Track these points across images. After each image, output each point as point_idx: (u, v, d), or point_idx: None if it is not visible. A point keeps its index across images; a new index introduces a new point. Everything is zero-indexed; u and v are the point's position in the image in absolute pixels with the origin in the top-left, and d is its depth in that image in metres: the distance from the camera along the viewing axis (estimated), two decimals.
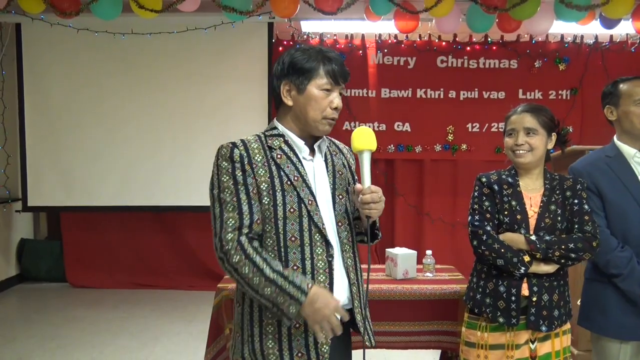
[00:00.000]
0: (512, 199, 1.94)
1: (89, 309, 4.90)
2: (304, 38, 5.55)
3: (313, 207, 1.51)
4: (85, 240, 5.69)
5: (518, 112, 1.97)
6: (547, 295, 1.89)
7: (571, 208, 1.94)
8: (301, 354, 1.48)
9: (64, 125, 5.32)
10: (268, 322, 1.50)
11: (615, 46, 5.60)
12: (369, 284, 1.60)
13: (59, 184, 5.37)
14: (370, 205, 1.49)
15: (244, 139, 1.54)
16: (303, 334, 1.49)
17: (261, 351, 1.49)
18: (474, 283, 2.02)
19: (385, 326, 2.60)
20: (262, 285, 1.42)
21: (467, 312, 2.04)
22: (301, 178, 1.52)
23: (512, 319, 1.88)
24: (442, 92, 5.62)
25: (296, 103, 1.54)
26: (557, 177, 2.00)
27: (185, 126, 5.24)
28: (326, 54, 1.54)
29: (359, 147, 1.54)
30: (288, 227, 1.48)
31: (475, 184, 2.03)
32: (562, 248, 1.86)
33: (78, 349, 3.89)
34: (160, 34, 5.07)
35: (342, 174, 1.63)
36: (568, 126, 5.62)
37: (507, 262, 1.86)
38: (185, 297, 5.22)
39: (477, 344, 1.97)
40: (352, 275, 1.59)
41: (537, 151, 1.94)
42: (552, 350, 1.95)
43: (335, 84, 1.54)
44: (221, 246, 1.45)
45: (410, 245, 3.41)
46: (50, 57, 5.26)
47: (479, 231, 1.93)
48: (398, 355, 3.52)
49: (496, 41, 5.58)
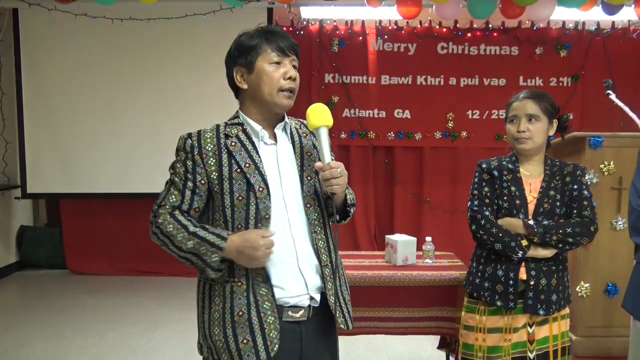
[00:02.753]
0: (512, 184, 1.95)
1: (89, 296, 4.91)
2: (303, 24, 5.51)
3: (262, 195, 1.48)
4: (85, 227, 5.69)
5: (520, 99, 1.97)
6: (545, 280, 1.90)
7: (570, 193, 1.95)
8: (247, 340, 1.46)
9: (63, 112, 5.30)
10: (215, 308, 1.51)
11: (617, 33, 5.56)
12: (337, 263, 1.60)
13: (58, 170, 5.36)
14: (331, 181, 1.48)
15: (202, 129, 1.57)
16: (247, 322, 1.46)
17: (210, 337, 1.52)
18: (473, 267, 2.05)
19: (385, 312, 2.61)
20: (184, 240, 1.46)
21: (467, 296, 2.07)
22: (253, 165, 1.50)
23: (509, 302, 1.89)
24: (442, 79, 5.59)
25: (250, 83, 1.54)
26: (558, 163, 2.01)
27: (184, 112, 5.21)
28: (268, 29, 1.55)
29: (315, 123, 1.52)
30: (236, 215, 1.49)
31: (476, 170, 2.04)
32: (559, 232, 1.87)
33: (78, 335, 3.90)
34: (158, 19, 5.03)
35: (311, 155, 1.60)
36: (569, 113, 5.61)
37: (505, 246, 1.87)
38: (185, 284, 5.23)
39: (475, 327, 1.99)
40: (325, 257, 1.56)
41: (539, 138, 1.95)
42: (549, 335, 1.97)
43: (284, 56, 1.53)
44: (155, 211, 1.53)
45: (410, 232, 3.41)
46: (48, 43, 5.22)
47: (478, 216, 1.94)
48: (397, 341, 3.55)
49: (497, 28, 5.54)
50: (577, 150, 2.92)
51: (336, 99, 5.59)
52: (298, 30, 5.46)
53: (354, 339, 3.31)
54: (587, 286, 2.85)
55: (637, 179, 1.97)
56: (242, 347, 1.45)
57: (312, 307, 1.54)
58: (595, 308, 2.87)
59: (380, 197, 5.83)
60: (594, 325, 2.87)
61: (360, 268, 2.70)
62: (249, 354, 1.45)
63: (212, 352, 1.53)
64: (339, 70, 5.56)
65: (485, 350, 1.95)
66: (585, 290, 2.85)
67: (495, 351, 1.94)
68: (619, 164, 2.81)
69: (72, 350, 3.63)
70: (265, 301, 1.48)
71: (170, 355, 3.57)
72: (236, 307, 1.47)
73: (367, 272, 2.61)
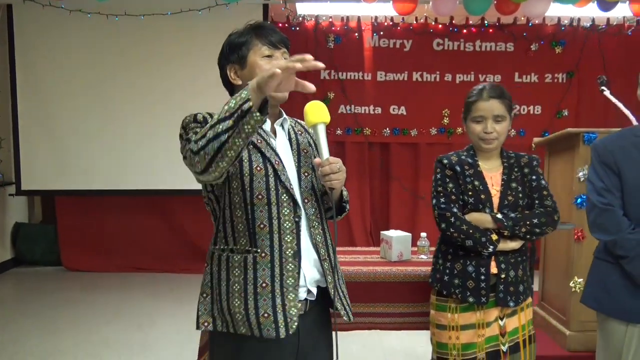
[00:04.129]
0: (475, 179, 1.95)
1: (84, 292, 4.91)
2: (299, 20, 5.50)
3: (280, 167, 1.50)
4: (80, 223, 5.68)
5: (485, 99, 1.94)
6: (513, 272, 1.93)
7: (530, 184, 1.98)
8: (267, 314, 1.44)
9: (58, 108, 5.28)
10: (234, 280, 1.47)
11: (612, 29, 5.58)
12: (336, 259, 1.60)
13: (53, 167, 5.35)
14: (330, 176, 1.48)
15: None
16: (270, 294, 1.45)
17: (228, 309, 1.47)
18: (439, 265, 2.02)
19: (380, 308, 2.61)
20: (215, 121, 1.30)
21: (435, 294, 2.05)
22: (265, 142, 1.51)
23: (482, 297, 1.90)
24: (438, 75, 5.61)
25: (244, 79, 1.53)
26: (513, 155, 2.03)
27: (180, 108, 5.14)
28: (257, 24, 1.55)
29: (313, 120, 1.51)
30: (255, 184, 1.47)
31: (436, 166, 2.02)
32: (527, 224, 1.90)
33: (73, 331, 3.90)
34: (153, 15, 5.02)
35: (308, 152, 1.62)
36: (564, 109, 5.63)
37: (476, 242, 1.88)
38: (181, 280, 5.24)
39: (448, 325, 1.98)
40: (323, 252, 1.56)
41: (504, 136, 1.98)
42: (519, 325, 1.99)
43: (275, 49, 1.53)
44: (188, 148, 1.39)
45: (405, 228, 3.42)
46: (42, 39, 5.21)
47: (447, 214, 1.92)
48: (393, 337, 3.56)
49: (493, 24, 5.55)
50: (571, 147, 2.92)
51: (332, 95, 5.59)
52: (294, 27, 5.45)
53: (350, 334, 3.30)
54: (581, 281, 2.85)
55: (592, 175, 1.98)
56: (263, 320, 1.44)
57: (309, 300, 1.55)
58: None
59: (375, 193, 5.85)
60: (587, 320, 2.87)
61: (355, 264, 2.70)
62: (268, 329, 1.44)
63: (228, 326, 1.50)
64: (335, 66, 5.55)
65: (459, 347, 1.95)
66: (579, 286, 2.85)
67: (470, 348, 1.95)
68: None
69: (67, 346, 3.63)
70: (289, 277, 1.47)
71: (165, 350, 3.57)
72: (260, 278, 1.46)
73: (362, 268, 2.61)
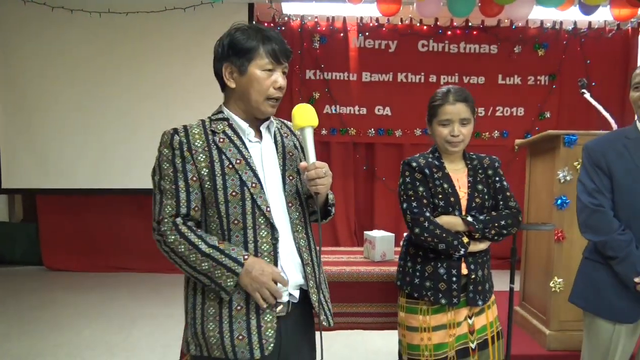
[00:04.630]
0: (444, 181, 1.97)
1: (65, 292, 4.85)
2: (284, 20, 5.50)
3: (257, 190, 1.48)
4: (61, 223, 5.61)
5: (451, 102, 1.94)
6: (480, 271, 1.96)
7: (494, 186, 2.02)
8: (242, 337, 1.45)
9: (39, 105, 5.22)
10: (210, 304, 1.48)
11: (593, 33, 5.67)
12: (320, 264, 1.61)
13: (34, 165, 5.28)
14: (316, 181, 1.48)
15: (187, 124, 1.53)
16: (245, 317, 1.46)
17: (202, 333, 1.48)
18: (408, 268, 2.03)
19: (363, 307, 2.62)
20: (198, 261, 1.43)
21: (404, 297, 2.05)
22: (244, 161, 1.49)
23: (453, 298, 1.92)
24: (422, 76, 5.64)
25: (239, 85, 1.52)
26: (475, 157, 2.06)
27: (163, 107, 5.17)
28: (266, 33, 1.51)
29: (301, 123, 1.51)
30: (230, 210, 1.47)
31: (405, 169, 2.01)
32: (496, 226, 1.93)
33: (54, 332, 3.85)
34: (137, 13, 4.98)
35: (293, 155, 1.61)
36: (546, 111, 5.70)
37: (449, 246, 1.89)
38: (163, 280, 5.20)
39: (419, 327, 1.99)
40: (306, 256, 1.57)
41: (469, 138, 1.99)
42: (487, 322, 2.03)
43: (277, 63, 1.52)
44: (158, 228, 1.46)
45: (390, 228, 3.43)
46: (24, 36, 5.14)
47: (420, 218, 1.92)
48: (375, 336, 3.57)
49: (477, 26, 5.60)
50: (552, 148, 2.95)
51: (317, 95, 5.59)
52: (279, 26, 5.45)
53: (333, 334, 3.31)
54: (561, 281, 2.89)
55: (584, 176, 2.01)
56: (237, 343, 1.45)
57: (291, 302, 1.55)
58: (568, 303, 2.91)
59: (360, 193, 5.87)
60: (567, 320, 2.92)
61: (339, 264, 2.71)
62: (243, 351, 1.44)
63: (202, 350, 1.50)
64: (320, 66, 5.56)
65: (431, 348, 1.96)
66: (559, 286, 2.89)
67: (441, 347, 1.96)
68: None
69: (48, 347, 3.58)
70: None
71: (147, 351, 3.54)
72: (235, 301, 1.46)
73: (345, 268, 2.62)
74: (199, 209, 1.50)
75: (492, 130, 5.65)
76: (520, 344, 3.02)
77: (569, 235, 2.90)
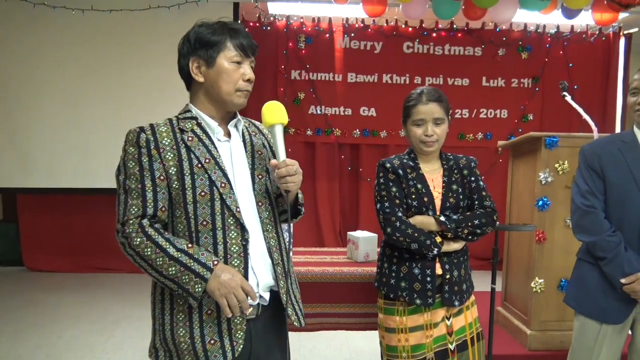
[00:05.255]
0: (417, 182, 1.98)
1: (47, 293, 4.79)
2: (270, 20, 5.49)
3: (226, 190, 1.46)
4: (43, 222, 5.54)
5: (424, 102, 1.97)
6: (456, 272, 1.98)
7: (469, 186, 2.03)
8: (214, 340, 1.43)
9: (20, 104, 5.14)
10: (179, 309, 1.45)
11: (575, 36, 5.74)
12: (291, 263, 1.60)
13: (15, 164, 5.20)
14: (286, 179, 1.47)
15: (154, 123, 1.51)
16: (216, 320, 1.44)
17: (172, 339, 1.45)
18: (385, 269, 2.04)
19: (346, 308, 2.62)
20: (165, 265, 1.38)
21: (382, 298, 2.06)
22: (213, 160, 1.47)
23: (428, 299, 1.93)
24: (407, 77, 5.67)
25: (207, 78, 1.51)
26: (452, 157, 2.08)
27: (146, 105, 5.12)
28: (232, 26, 1.52)
29: (270, 121, 1.51)
30: (199, 211, 1.44)
31: (379, 170, 2.03)
32: (469, 225, 1.95)
33: (35, 333, 3.80)
34: (121, 11, 4.93)
35: (262, 153, 1.60)
36: (529, 113, 5.76)
37: (421, 245, 1.90)
38: (146, 281, 5.10)
39: (396, 328, 2.00)
40: (276, 256, 1.55)
41: (443, 138, 2.02)
42: (465, 324, 2.03)
43: (245, 56, 1.52)
44: (122, 230, 1.42)
45: (375, 229, 3.43)
46: (5, 33, 5.06)
47: (392, 218, 1.94)
48: (359, 337, 3.58)
49: (461, 28, 5.64)
50: (533, 150, 2.99)
51: (302, 95, 5.59)
52: (265, 26, 5.43)
53: (316, 335, 3.32)
54: (542, 282, 2.93)
55: (579, 178, 2.05)
56: (210, 347, 1.43)
57: (260, 305, 1.53)
58: (549, 303, 2.95)
59: (345, 194, 5.87)
60: (548, 320, 2.96)
61: (322, 264, 2.71)
62: (215, 355, 1.43)
63: (171, 356, 1.48)
64: (306, 66, 5.56)
65: (409, 349, 1.97)
66: (540, 286, 2.93)
67: (419, 349, 1.97)
68: (573, 164, 2.89)
69: (28, 349, 3.53)
70: None
71: (130, 353, 3.51)
72: (205, 305, 1.44)
73: (328, 269, 2.62)
74: (166, 210, 1.45)
75: (476, 132, 5.69)
76: (502, 344, 3.05)
77: (550, 236, 2.94)
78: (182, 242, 1.42)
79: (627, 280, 1.89)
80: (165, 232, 1.43)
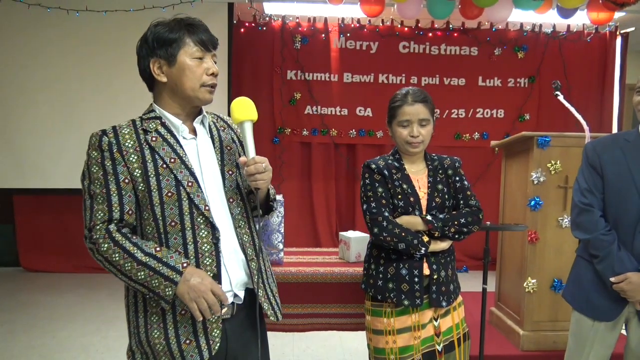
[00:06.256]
0: (403, 182, 1.98)
1: (42, 293, 4.79)
2: (265, 20, 5.48)
3: (193, 189, 1.45)
4: (39, 223, 5.53)
5: (410, 103, 1.96)
6: (444, 272, 1.97)
7: (454, 185, 2.04)
8: (189, 340, 1.43)
9: (15, 105, 5.13)
10: (152, 311, 1.44)
11: (572, 36, 5.73)
12: (265, 258, 1.60)
13: (10, 165, 5.20)
14: (255, 176, 1.46)
15: (117, 125, 1.50)
16: (190, 320, 1.44)
17: (147, 342, 1.44)
18: (372, 270, 2.03)
19: (337, 308, 2.62)
20: (134, 270, 1.37)
21: (369, 300, 2.05)
22: (179, 159, 1.46)
23: (416, 299, 1.92)
24: (403, 77, 5.66)
25: (170, 77, 1.49)
26: (436, 158, 2.08)
27: (141, 106, 5.08)
28: (189, 22, 1.51)
29: (240, 117, 1.50)
30: (167, 212, 1.42)
31: (365, 171, 2.04)
32: (455, 224, 1.95)
33: (31, 333, 3.80)
34: (116, 11, 4.92)
35: (231, 149, 1.58)
36: (525, 113, 5.76)
37: (409, 245, 1.90)
38: None
39: (384, 330, 1.98)
40: (250, 251, 1.54)
41: (428, 139, 2.01)
42: (452, 324, 2.03)
43: (206, 51, 1.51)
44: (90, 236, 1.41)
45: None
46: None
47: (379, 218, 1.93)
48: (352, 337, 3.57)
49: (457, 28, 5.64)
50: (526, 150, 2.99)
51: (298, 95, 5.59)
52: (260, 26, 5.43)
53: (310, 335, 3.32)
54: (534, 282, 2.92)
55: (580, 176, 2.05)
56: (185, 347, 1.42)
57: (235, 304, 1.53)
58: (542, 303, 2.95)
59: (341, 194, 5.87)
60: (540, 320, 2.95)
61: (314, 265, 2.70)
62: (192, 354, 1.42)
63: (148, 358, 1.47)
64: (302, 67, 5.55)
65: (397, 351, 1.96)
66: (532, 286, 2.92)
67: (407, 350, 1.97)
68: (565, 163, 2.89)
69: (22, 349, 3.53)
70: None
71: (123, 352, 3.48)
72: (178, 306, 1.43)
73: (319, 269, 2.61)
74: (133, 213, 1.44)
75: (473, 132, 5.68)
76: (494, 345, 3.04)
77: (542, 236, 2.93)
78: (150, 245, 1.41)
79: (616, 279, 1.90)
80: (133, 237, 1.42)
